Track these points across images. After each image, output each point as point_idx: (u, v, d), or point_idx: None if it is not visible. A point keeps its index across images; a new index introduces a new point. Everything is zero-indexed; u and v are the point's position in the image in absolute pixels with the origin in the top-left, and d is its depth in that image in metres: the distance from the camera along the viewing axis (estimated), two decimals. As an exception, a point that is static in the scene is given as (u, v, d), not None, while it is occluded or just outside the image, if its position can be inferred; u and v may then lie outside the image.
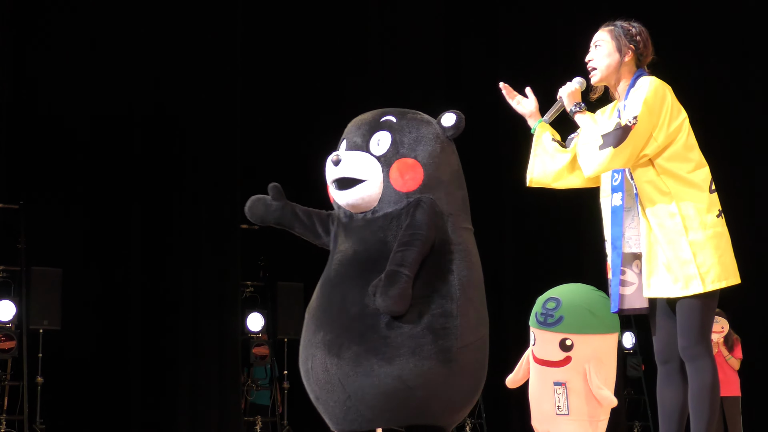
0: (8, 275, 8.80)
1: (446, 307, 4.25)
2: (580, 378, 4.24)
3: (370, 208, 4.36)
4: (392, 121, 4.43)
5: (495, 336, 10.83)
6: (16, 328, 8.62)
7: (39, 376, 8.65)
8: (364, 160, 4.35)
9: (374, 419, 4.22)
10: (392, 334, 4.14)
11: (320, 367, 4.23)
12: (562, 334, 4.26)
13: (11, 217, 8.93)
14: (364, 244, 4.32)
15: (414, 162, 4.36)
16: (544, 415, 4.37)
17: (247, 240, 9.67)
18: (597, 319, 4.28)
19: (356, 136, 4.44)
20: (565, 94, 4.43)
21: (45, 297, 8.75)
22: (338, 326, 4.21)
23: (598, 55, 4.41)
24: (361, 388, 4.15)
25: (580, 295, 4.39)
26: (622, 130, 4.17)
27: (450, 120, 4.52)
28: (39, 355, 8.71)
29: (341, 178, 4.34)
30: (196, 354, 9.10)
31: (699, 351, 4.18)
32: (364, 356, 4.13)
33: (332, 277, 4.35)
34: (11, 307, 8.60)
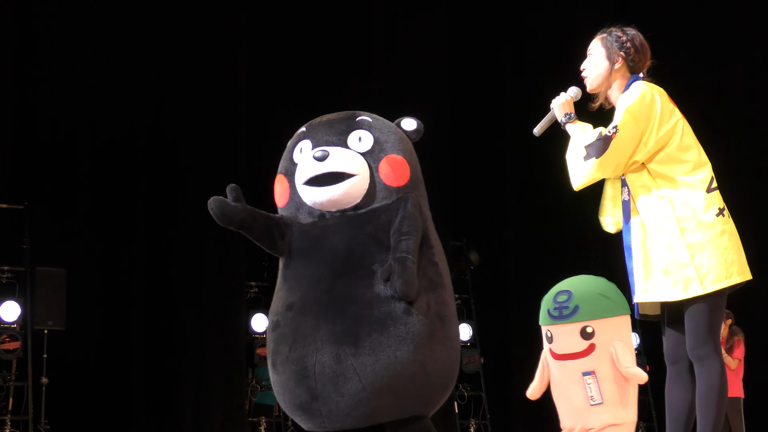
0: (13, 276, 8.81)
1: (443, 296, 4.36)
2: (606, 364, 4.24)
3: (351, 205, 4.36)
4: (369, 120, 4.48)
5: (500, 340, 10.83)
6: (21, 328, 8.63)
7: (44, 377, 8.66)
8: (350, 155, 4.35)
9: (380, 411, 4.22)
10: (411, 320, 4.20)
11: (329, 360, 4.18)
12: (582, 323, 4.26)
13: (16, 218, 8.94)
14: (355, 239, 4.32)
15: (402, 159, 4.42)
16: (576, 410, 4.35)
17: (250, 241, 9.66)
18: (610, 302, 4.29)
19: (328, 135, 4.42)
20: (556, 105, 4.45)
21: (50, 298, 8.76)
22: (350, 316, 4.19)
23: (590, 63, 4.43)
24: (380, 376, 4.15)
25: (588, 282, 4.41)
26: (603, 141, 4.20)
27: (411, 125, 4.61)
28: (44, 356, 8.72)
29: (328, 173, 4.31)
30: (201, 355, 9.11)
31: (707, 352, 4.18)
32: (387, 343, 4.16)
33: (326, 272, 4.31)
34: (16, 308, 8.61)
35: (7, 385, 8.62)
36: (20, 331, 8.60)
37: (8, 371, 8.67)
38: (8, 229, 8.89)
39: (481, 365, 10.71)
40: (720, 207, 4.23)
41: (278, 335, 4.36)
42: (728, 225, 4.23)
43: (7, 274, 8.78)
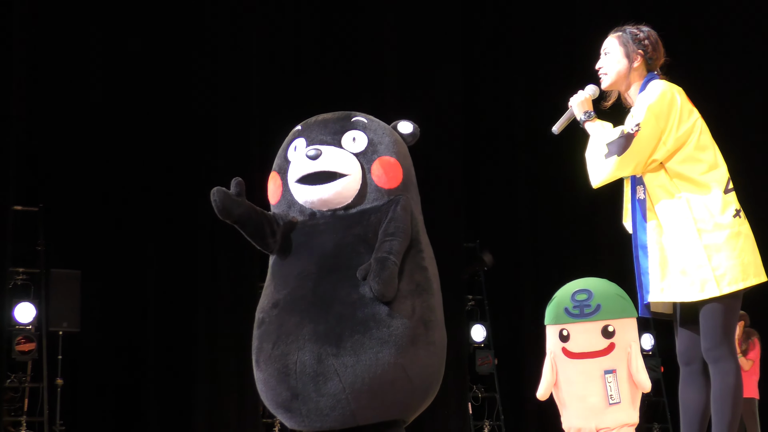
0: (28, 277, 8.84)
1: (429, 301, 4.33)
2: (624, 363, 4.25)
3: (342, 204, 4.37)
4: (364, 121, 4.48)
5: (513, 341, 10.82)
6: (36, 330, 8.65)
7: (59, 378, 8.69)
8: (343, 155, 4.36)
9: (359, 413, 4.20)
10: (394, 323, 4.18)
11: (311, 360, 4.18)
12: (604, 322, 4.28)
13: (31, 220, 8.97)
14: (343, 239, 4.33)
15: (395, 161, 4.42)
16: (591, 409, 4.36)
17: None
18: (628, 303, 4.32)
19: (322, 134, 4.44)
20: (575, 103, 4.44)
21: (64, 299, 8.78)
22: (334, 316, 4.19)
23: (607, 62, 4.43)
24: (360, 377, 4.13)
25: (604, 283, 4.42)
26: (625, 138, 4.19)
27: (407, 128, 4.62)
28: (59, 357, 8.75)
29: (320, 172, 4.32)
30: (214, 355, 9.12)
31: (722, 353, 4.18)
32: (369, 344, 4.14)
33: (313, 271, 4.31)
34: (31, 310, 8.64)
35: (22, 386, 8.65)
36: (35, 332, 8.62)
37: (24, 372, 8.70)
38: (23, 231, 8.92)
39: (494, 366, 10.70)
40: (737, 208, 4.23)
41: (262, 332, 4.41)
42: (744, 226, 4.23)
43: (22, 276, 8.81)
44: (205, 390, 9.04)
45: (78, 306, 8.82)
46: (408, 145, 4.57)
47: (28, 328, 8.60)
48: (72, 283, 8.84)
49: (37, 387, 8.67)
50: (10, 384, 8.56)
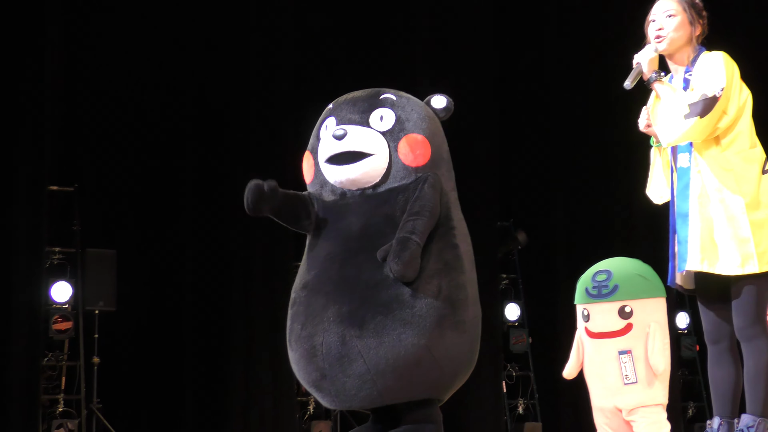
0: (64, 257, 8.91)
1: (459, 279, 4.28)
2: (642, 344, 4.25)
3: (371, 184, 4.34)
4: (392, 98, 4.43)
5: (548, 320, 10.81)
6: (73, 309, 8.73)
7: (95, 357, 8.76)
8: (370, 134, 4.33)
9: (385, 393, 4.20)
10: (418, 304, 4.15)
11: (335, 341, 4.18)
12: (620, 302, 4.28)
13: (66, 200, 9.03)
14: (371, 219, 4.31)
15: (423, 138, 4.36)
16: (610, 388, 4.37)
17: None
18: (649, 283, 4.29)
19: (351, 113, 4.41)
20: (644, 61, 4.36)
21: (100, 278, 8.85)
22: (358, 298, 4.18)
23: (672, 24, 4.34)
24: (384, 358, 4.12)
25: (627, 263, 4.42)
26: (710, 100, 4.13)
27: (441, 102, 4.55)
28: (95, 336, 8.82)
29: (346, 152, 4.30)
30: (249, 334, 9.16)
31: (755, 331, 4.16)
32: (391, 326, 4.12)
33: (339, 252, 4.31)
34: (67, 289, 8.71)
35: (59, 365, 8.73)
36: (72, 311, 8.70)
37: (61, 351, 8.78)
38: (59, 211, 8.99)
39: (529, 345, 10.69)
40: None
41: (294, 313, 4.43)
42: None
43: (59, 256, 8.87)
44: (241, 367, 9.08)
45: (114, 285, 8.88)
46: (442, 120, 4.53)
47: (65, 307, 8.67)
48: (108, 263, 8.90)
49: (74, 365, 8.74)
50: (48, 362, 8.64)
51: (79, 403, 8.61)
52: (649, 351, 4.26)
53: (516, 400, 10.53)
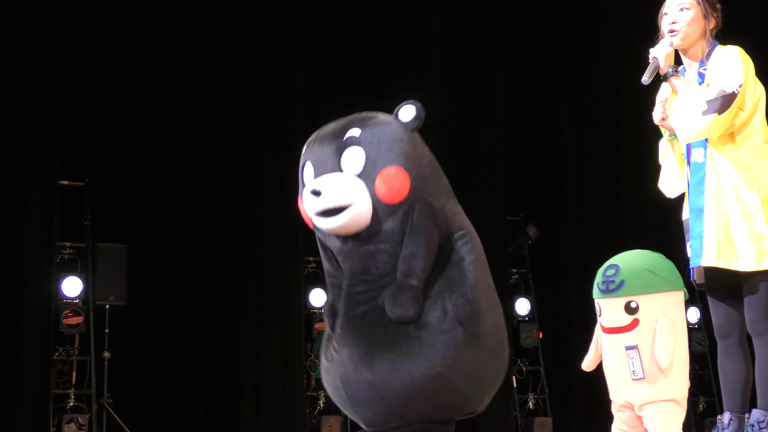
0: (75, 252, 8.92)
1: (466, 294, 4.17)
2: (649, 339, 4.23)
3: (362, 229, 4.19)
4: (356, 134, 4.23)
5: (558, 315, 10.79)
6: (83, 303, 8.74)
7: (106, 351, 8.78)
8: (345, 182, 4.17)
9: (414, 420, 4.18)
10: (423, 334, 4.09)
11: (353, 383, 4.17)
12: (626, 298, 4.26)
13: (77, 195, 9.05)
14: (372, 260, 4.21)
15: (397, 169, 4.15)
16: (621, 383, 4.36)
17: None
18: (658, 278, 4.26)
19: (323, 156, 4.25)
20: (661, 56, 4.33)
21: (111, 273, 8.86)
22: (365, 339, 4.14)
23: (685, 18, 4.32)
24: (403, 394, 4.09)
25: (638, 257, 4.39)
26: (729, 97, 4.11)
27: (409, 113, 4.28)
28: (105, 331, 8.83)
29: (326, 210, 4.16)
30: (260, 329, 9.17)
31: (767, 326, 4.15)
32: (400, 362, 4.07)
33: (345, 296, 4.25)
34: (78, 284, 8.73)
35: (70, 360, 8.75)
36: (82, 306, 8.71)
37: (71, 346, 8.79)
38: (69, 206, 9.00)
39: (539, 340, 10.68)
40: None
41: (321, 355, 4.41)
42: None
43: (69, 250, 8.89)
44: (251, 362, 9.09)
45: (124, 280, 8.89)
46: (414, 130, 4.29)
47: (75, 302, 8.69)
48: (118, 257, 8.91)
49: (85, 360, 8.76)
50: (58, 357, 8.66)
51: (90, 397, 8.63)
52: (655, 346, 4.24)
53: (526, 395, 10.52)
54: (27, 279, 8.33)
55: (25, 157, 8.48)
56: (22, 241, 8.37)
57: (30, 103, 8.54)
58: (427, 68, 10.16)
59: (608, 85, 10.77)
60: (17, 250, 8.35)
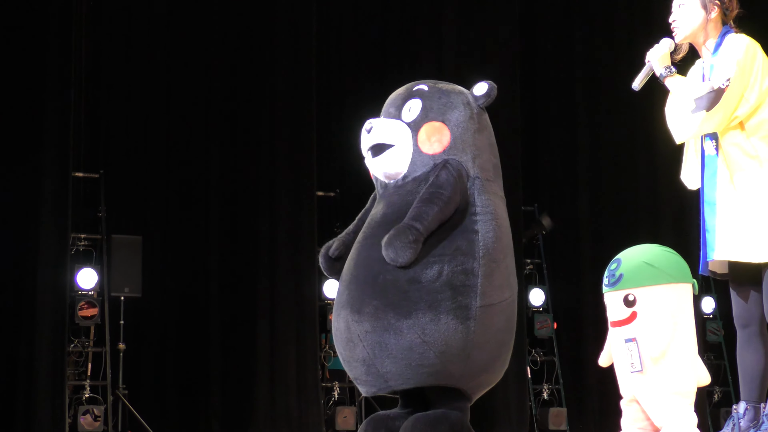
0: (90, 244, 8.95)
1: (467, 264, 4.23)
2: (648, 332, 4.22)
3: (400, 175, 4.39)
4: (424, 89, 4.48)
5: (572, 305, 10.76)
6: (98, 295, 8.77)
7: (121, 343, 8.80)
8: (394, 125, 4.40)
9: (391, 378, 4.22)
10: (411, 288, 4.15)
11: (343, 326, 4.29)
12: (624, 291, 4.27)
13: (92, 186, 9.07)
14: (393, 206, 4.36)
15: (441, 125, 4.38)
16: (623, 376, 4.36)
17: (322, 207, 9.72)
18: (656, 270, 4.24)
19: (391, 107, 4.52)
20: (654, 58, 4.34)
21: (126, 265, 8.88)
22: (361, 284, 4.25)
23: (682, 14, 4.32)
24: (379, 344, 4.17)
25: (640, 251, 4.37)
26: (715, 93, 4.09)
27: (482, 89, 4.52)
28: (120, 322, 8.86)
29: (373, 145, 4.40)
30: (274, 320, 9.18)
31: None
32: (383, 310, 4.15)
33: (360, 239, 4.40)
34: (93, 275, 8.75)
35: (85, 351, 8.78)
36: (97, 297, 8.74)
37: (87, 337, 8.82)
38: (84, 198, 9.02)
39: (553, 330, 10.67)
40: None
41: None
42: None
43: (84, 242, 8.92)
44: (266, 354, 9.10)
45: (139, 271, 8.91)
46: (483, 106, 4.50)
47: (91, 293, 8.71)
48: (133, 249, 8.93)
49: (100, 351, 8.79)
50: (74, 349, 8.69)
51: (105, 389, 8.65)
52: (654, 339, 4.23)
53: (541, 386, 10.51)
54: (42, 271, 8.35)
55: (40, 149, 8.50)
56: (37, 233, 8.39)
57: (45, 95, 8.56)
58: (441, 59, 10.14)
59: (623, 74, 10.72)
60: (33, 242, 8.38)
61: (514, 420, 9.94)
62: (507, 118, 10.16)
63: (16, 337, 8.28)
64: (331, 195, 9.92)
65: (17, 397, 8.18)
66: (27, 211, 8.41)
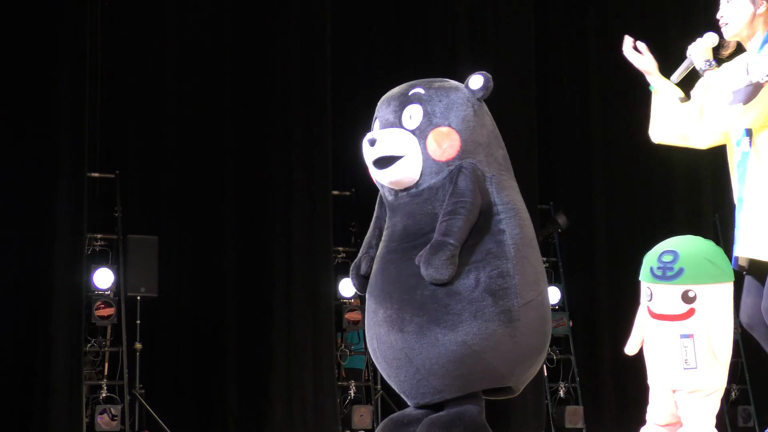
0: (106, 244, 8.97)
1: (502, 267, 4.24)
2: (704, 329, 4.19)
3: (412, 183, 4.33)
4: (421, 93, 4.40)
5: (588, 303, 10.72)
6: (115, 295, 8.78)
7: (137, 342, 8.81)
8: (399, 135, 4.33)
9: (444, 389, 4.23)
10: (452, 301, 4.16)
11: (386, 345, 4.26)
12: (684, 286, 4.21)
13: (108, 187, 9.09)
14: (413, 218, 4.32)
15: (449, 129, 4.32)
16: (668, 371, 4.31)
17: (338, 206, 9.72)
18: (717, 269, 4.22)
19: (387, 113, 4.43)
20: (695, 52, 4.31)
21: (142, 264, 8.89)
22: (397, 301, 4.22)
23: (730, 9, 4.28)
24: (428, 359, 4.17)
25: (697, 245, 4.33)
26: (753, 87, 4.05)
27: (477, 82, 4.45)
28: (137, 322, 8.87)
29: (379, 158, 4.33)
30: (290, 320, 9.18)
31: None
32: (427, 327, 4.15)
33: (384, 254, 4.35)
34: (110, 275, 8.77)
35: (102, 351, 8.80)
36: (114, 297, 8.75)
37: (103, 337, 8.84)
38: (100, 198, 9.04)
39: (569, 328, 10.65)
40: None
41: (366, 313, 4.47)
42: None
43: (100, 242, 8.94)
44: (283, 353, 9.11)
45: (155, 271, 8.92)
46: (481, 99, 4.46)
47: (107, 293, 8.73)
48: (149, 249, 8.94)
49: (117, 351, 8.80)
50: (91, 348, 8.71)
51: (122, 388, 8.67)
52: (713, 338, 4.20)
53: (557, 384, 10.50)
54: (59, 271, 8.38)
55: (56, 150, 8.52)
56: (53, 234, 8.41)
57: (60, 95, 8.57)
58: (455, 54, 10.13)
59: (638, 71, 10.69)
60: (49, 243, 8.40)
61: (530, 418, 9.93)
62: (522, 118, 10.16)
63: (34, 338, 8.30)
64: (347, 194, 9.92)
65: (34, 397, 8.20)
66: (43, 211, 8.43)
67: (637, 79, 4.83)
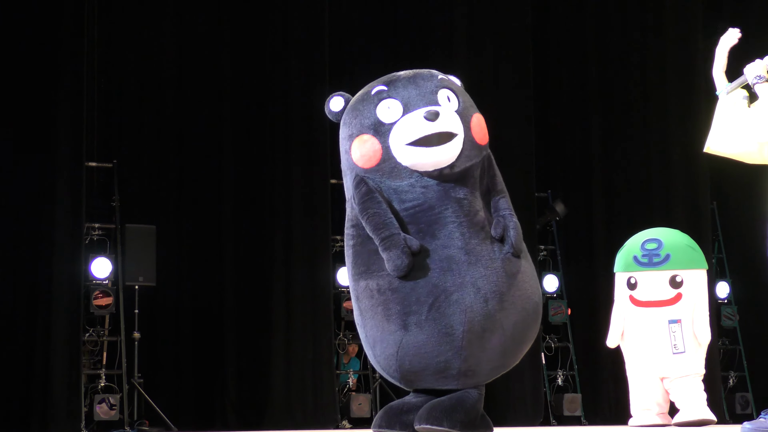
0: (104, 233, 8.97)
1: None
2: (689, 314, 4.23)
3: (449, 164, 4.34)
4: (445, 78, 4.54)
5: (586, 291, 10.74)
6: (113, 284, 8.79)
7: (136, 332, 8.83)
8: (453, 115, 4.35)
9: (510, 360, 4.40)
10: (523, 265, 4.38)
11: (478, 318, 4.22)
12: (672, 271, 4.27)
13: (105, 176, 9.09)
14: (458, 197, 4.36)
15: (481, 115, 4.50)
16: (656, 357, 4.35)
17: (336, 196, 9.71)
18: (698, 255, 4.28)
19: (418, 94, 4.37)
20: (751, 74, 4.39)
21: (140, 254, 8.91)
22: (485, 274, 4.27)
23: None
24: (515, 324, 4.29)
25: (676, 233, 4.40)
26: None
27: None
28: (135, 311, 8.89)
29: (440, 134, 4.27)
30: (289, 308, 9.19)
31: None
32: (517, 294, 4.30)
33: (436, 231, 4.32)
34: (107, 265, 8.77)
35: (100, 340, 8.81)
36: (112, 287, 8.76)
37: (101, 326, 8.85)
38: (98, 188, 9.05)
39: (568, 316, 10.67)
40: None
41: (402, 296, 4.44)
42: None
43: (98, 232, 8.94)
44: (281, 342, 9.12)
45: (153, 260, 8.94)
46: None
47: (105, 282, 8.74)
48: (147, 238, 8.95)
49: (115, 340, 8.82)
50: (89, 338, 8.73)
51: (121, 378, 8.68)
52: (696, 322, 4.23)
53: (555, 372, 10.52)
54: (57, 260, 8.38)
55: (54, 140, 8.52)
56: (51, 223, 8.42)
57: (58, 86, 8.56)
58: (452, 46, 10.12)
59: (637, 60, 10.71)
60: (47, 232, 8.40)
61: (529, 406, 9.94)
62: (519, 106, 10.15)
63: (32, 327, 8.30)
64: (345, 182, 9.90)
65: (33, 387, 8.21)
66: (41, 201, 8.43)
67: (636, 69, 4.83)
